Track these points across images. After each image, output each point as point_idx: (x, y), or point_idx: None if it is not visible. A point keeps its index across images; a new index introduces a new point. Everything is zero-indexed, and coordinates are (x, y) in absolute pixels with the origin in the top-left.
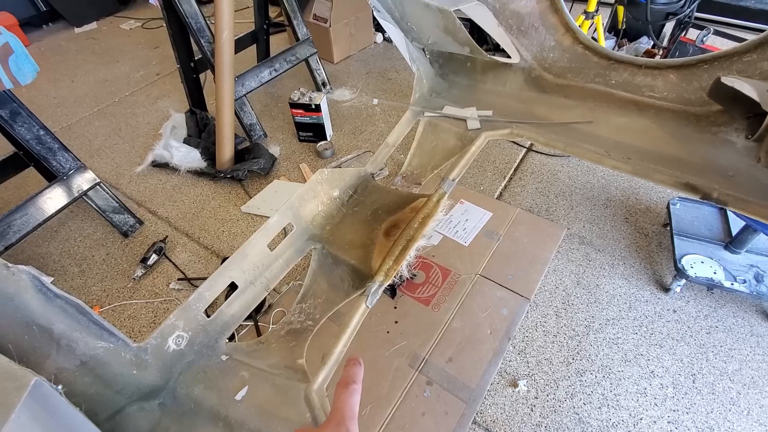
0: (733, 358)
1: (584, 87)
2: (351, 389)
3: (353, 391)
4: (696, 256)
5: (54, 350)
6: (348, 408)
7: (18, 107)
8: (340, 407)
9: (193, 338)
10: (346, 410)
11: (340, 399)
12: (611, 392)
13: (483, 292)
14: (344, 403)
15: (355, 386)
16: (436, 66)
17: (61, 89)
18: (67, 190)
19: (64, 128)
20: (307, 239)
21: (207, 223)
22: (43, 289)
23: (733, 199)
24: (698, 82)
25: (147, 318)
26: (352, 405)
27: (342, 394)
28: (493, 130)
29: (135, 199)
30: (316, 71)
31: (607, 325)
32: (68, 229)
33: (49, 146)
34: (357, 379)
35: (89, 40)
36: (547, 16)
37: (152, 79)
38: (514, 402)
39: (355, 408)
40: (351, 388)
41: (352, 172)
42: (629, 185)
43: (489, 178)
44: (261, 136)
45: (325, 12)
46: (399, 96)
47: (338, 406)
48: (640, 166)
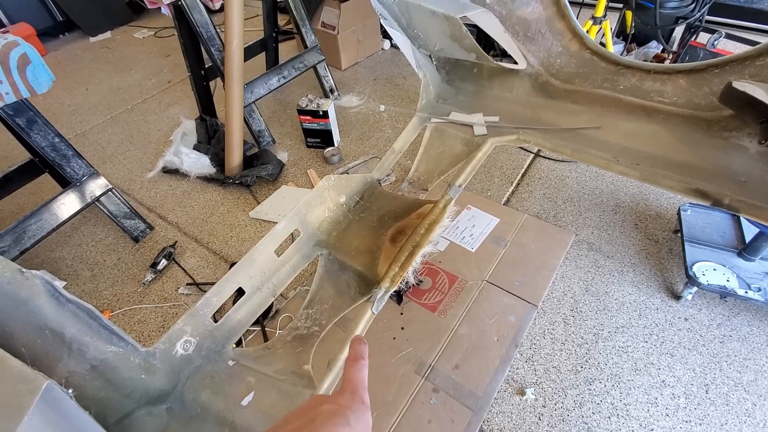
0: (748, 368)
1: (592, 92)
2: (360, 364)
3: (362, 365)
4: (708, 263)
5: (65, 354)
6: (359, 380)
7: (35, 115)
8: (351, 379)
9: (200, 343)
10: (357, 382)
11: (351, 372)
12: (621, 402)
13: (490, 298)
14: (355, 376)
15: (364, 361)
16: (443, 72)
17: (76, 97)
18: (80, 196)
19: (78, 135)
20: (314, 245)
21: (216, 228)
22: (56, 293)
23: (746, 205)
24: (709, 86)
25: (156, 322)
26: (362, 377)
27: (352, 368)
28: (499, 136)
29: (146, 204)
30: (324, 78)
31: (616, 333)
32: (81, 234)
33: (63, 153)
34: (364, 355)
35: (103, 48)
36: (553, 22)
37: (164, 86)
38: (522, 410)
39: (365, 380)
40: (360, 363)
41: (359, 178)
42: (639, 191)
43: (496, 184)
44: (269, 142)
45: (333, 20)
46: (406, 102)
47: (350, 378)
48: (649, 172)
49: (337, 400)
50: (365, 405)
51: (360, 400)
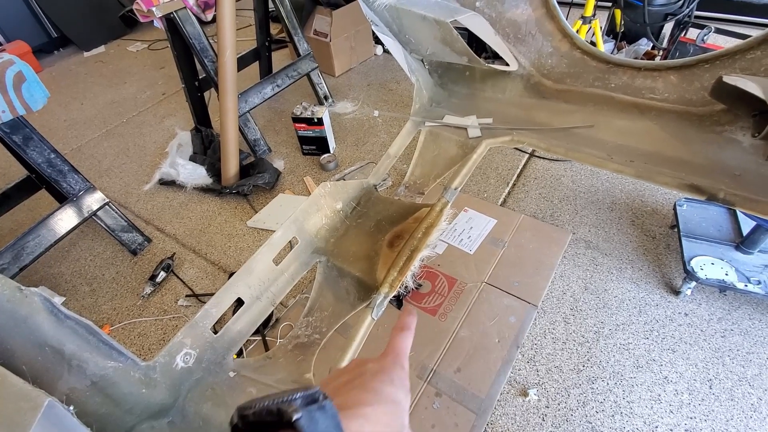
0: (752, 362)
1: (584, 91)
2: (406, 333)
3: (407, 335)
4: (706, 258)
5: (66, 371)
6: (402, 347)
7: (30, 132)
8: (396, 345)
9: (200, 355)
10: (400, 349)
11: (396, 339)
12: (624, 399)
13: (490, 300)
14: (399, 343)
15: (409, 332)
16: (436, 76)
17: (72, 112)
18: (77, 211)
19: (74, 150)
20: (312, 252)
21: (214, 238)
22: (54, 310)
23: (741, 199)
24: (699, 82)
25: (157, 335)
26: (405, 346)
27: (398, 336)
28: (494, 138)
29: (143, 217)
30: (318, 85)
31: (617, 331)
32: (79, 249)
33: (59, 169)
34: (411, 326)
35: (98, 63)
36: (543, 23)
37: (158, 98)
38: (525, 412)
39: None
40: (406, 333)
41: (355, 184)
42: (634, 188)
43: (492, 185)
44: (265, 150)
45: (325, 27)
46: (400, 106)
47: (394, 345)
48: (643, 168)
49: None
50: (405, 371)
51: (401, 366)
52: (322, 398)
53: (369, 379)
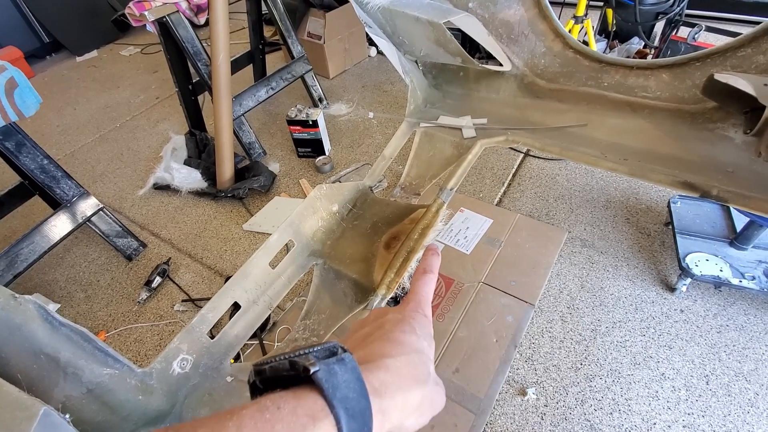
0: (748, 357)
1: (577, 90)
2: (428, 277)
3: (430, 279)
4: (700, 254)
5: (61, 379)
6: (424, 293)
7: (23, 138)
8: (417, 291)
9: (197, 361)
10: (422, 295)
11: (418, 284)
12: (622, 397)
13: (487, 299)
14: (421, 289)
15: (432, 275)
16: (430, 77)
17: (65, 117)
18: (71, 217)
19: (68, 155)
20: (309, 255)
21: (209, 242)
22: (49, 318)
23: (734, 195)
24: (691, 80)
25: (153, 341)
26: (428, 291)
27: (420, 281)
28: (488, 138)
29: (138, 222)
30: (312, 87)
31: (614, 328)
32: (73, 255)
33: (52, 175)
34: (434, 268)
35: (90, 68)
36: (536, 23)
37: (152, 102)
38: (524, 411)
39: (431, 294)
40: (428, 276)
41: (351, 186)
42: (628, 186)
43: (488, 185)
44: (260, 153)
45: (318, 29)
46: (395, 108)
47: (416, 290)
48: (637, 166)
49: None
50: (428, 318)
51: (423, 313)
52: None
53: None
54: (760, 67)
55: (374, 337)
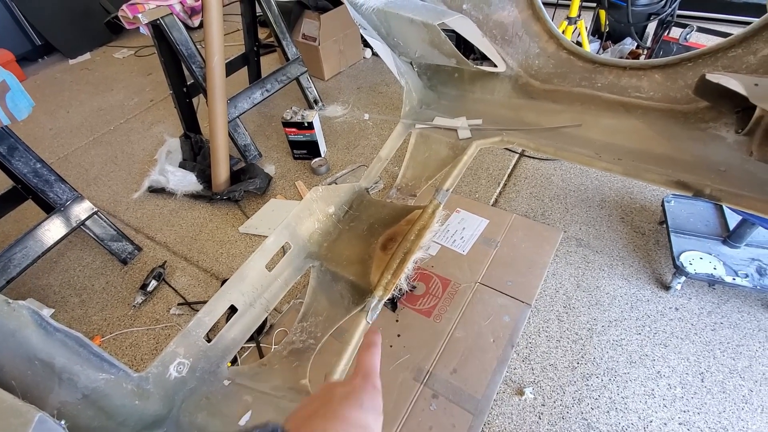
0: (742, 354)
1: (571, 91)
2: (372, 350)
3: (375, 352)
4: (694, 253)
5: (56, 384)
6: (371, 365)
7: (15, 142)
8: (364, 364)
9: (194, 364)
10: (369, 367)
11: (364, 358)
12: (618, 395)
13: (484, 300)
14: (368, 361)
15: (376, 348)
16: (425, 78)
17: (57, 120)
18: (65, 221)
19: (61, 159)
20: (305, 257)
21: (205, 245)
22: (43, 323)
23: (727, 194)
24: (683, 80)
25: (149, 345)
26: (375, 363)
27: (365, 354)
28: (484, 139)
29: (133, 225)
30: (308, 89)
31: (609, 327)
32: (67, 260)
33: (45, 179)
34: (377, 343)
35: (83, 70)
36: (529, 24)
37: (146, 105)
38: (521, 411)
39: (377, 366)
40: (372, 350)
41: (347, 188)
42: (623, 185)
43: (483, 186)
44: (256, 156)
45: (313, 31)
46: (390, 109)
47: (362, 363)
48: (631, 166)
49: (350, 384)
50: (377, 389)
51: (372, 385)
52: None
53: (337, 407)
54: (750, 67)
55: (320, 414)
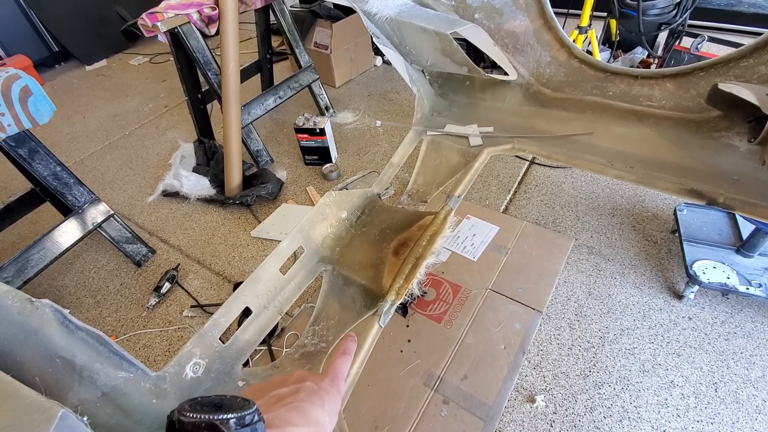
0: (756, 364)
1: (582, 99)
2: (346, 358)
3: (347, 359)
4: (707, 262)
5: (76, 382)
6: (341, 371)
7: (36, 146)
8: (335, 368)
9: (209, 365)
10: (338, 372)
11: (336, 363)
12: (631, 404)
13: (494, 306)
14: (339, 367)
15: (349, 357)
16: (436, 86)
17: (74, 125)
18: (81, 223)
19: (77, 162)
20: (318, 261)
21: (218, 249)
22: (65, 321)
23: (741, 203)
24: (695, 89)
25: (162, 347)
26: (344, 369)
27: (338, 359)
28: (495, 146)
29: (147, 228)
30: (319, 96)
31: (622, 336)
32: (83, 261)
33: (65, 181)
34: (351, 351)
35: (99, 76)
36: (541, 33)
37: (161, 111)
38: (533, 418)
39: (345, 373)
40: (346, 357)
41: (359, 194)
42: (634, 193)
43: (494, 193)
44: (268, 161)
45: (325, 39)
46: (401, 116)
47: (333, 367)
48: (643, 174)
49: (318, 382)
50: (339, 394)
51: (337, 389)
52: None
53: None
54: (762, 77)
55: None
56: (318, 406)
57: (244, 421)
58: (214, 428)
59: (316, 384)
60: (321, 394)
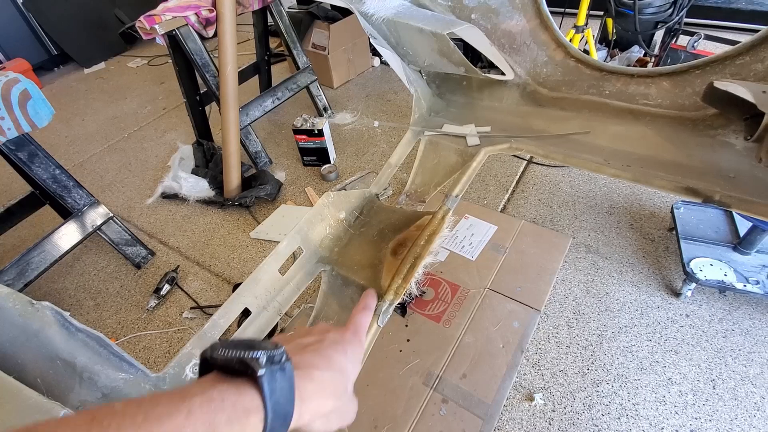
0: (754, 361)
1: (579, 99)
2: (367, 312)
3: (368, 314)
4: (705, 259)
5: (77, 383)
6: (362, 324)
7: (36, 149)
8: (356, 322)
9: None
10: (360, 325)
11: (358, 316)
12: (629, 402)
13: (493, 305)
14: (360, 320)
15: (370, 311)
16: (434, 86)
17: (73, 128)
18: (81, 226)
19: (77, 165)
20: (317, 262)
21: (217, 250)
22: (66, 323)
23: (737, 200)
24: (692, 87)
25: (162, 348)
26: (365, 323)
27: (359, 313)
28: (492, 146)
29: (146, 230)
30: (317, 97)
31: (620, 333)
32: (82, 264)
33: (64, 184)
34: (371, 306)
35: (98, 79)
36: (537, 33)
37: (159, 113)
38: (532, 416)
39: (366, 326)
40: (367, 311)
41: (357, 194)
42: (631, 192)
43: (492, 192)
44: (266, 162)
45: (323, 40)
46: (399, 116)
47: (355, 321)
48: (640, 172)
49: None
50: (362, 345)
51: (359, 340)
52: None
53: (327, 346)
54: (758, 74)
55: (312, 348)
56: (341, 354)
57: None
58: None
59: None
60: (344, 344)
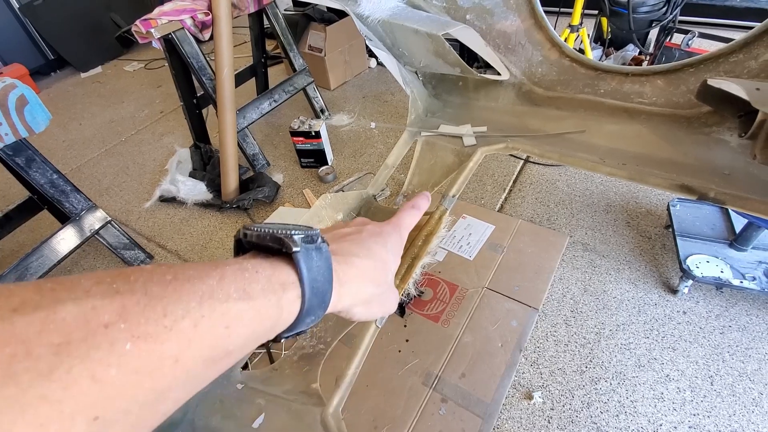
0: (751, 357)
1: (574, 98)
2: (414, 211)
3: (415, 213)
4: (701, 256)
5: None
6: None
7: (33, 154)
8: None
9: None
10: (403, 221)
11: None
12: (628, 399)
13: (491, 305)
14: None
15: (417, 211)
16: (430, 87)
17: (70, 132)
18: (79, 230)
19: (74, 170)
20: None
21: (215, 253)
22: None
23: (731, 197)
24: (686, 85)
25: None
26: (410, 221)
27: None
28: (489, 145)
29: (144, 234)
30: (314, 99)
31: (617, 331)
32: (81, 268)
33: (62, 189)
34: (422, 207)
35: (95, 83)
36: (532, 33)
37: (156, 117)
38: (531, 415)
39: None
40: (414, 211)
41: (355, 195)
42: (628, 190)
43: (489, 192)
44: (264, 165)
45: (319, 42)
46: (395, 117)
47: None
48: (635, 171)
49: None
50: (402, 240)
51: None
52: (321, 240)
53: (366, 237)
54: (752, 71)
55: (351, 238)
56: (381, 245)
57: (310, 238)
58: (279, 241)
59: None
60: (384, 235)
